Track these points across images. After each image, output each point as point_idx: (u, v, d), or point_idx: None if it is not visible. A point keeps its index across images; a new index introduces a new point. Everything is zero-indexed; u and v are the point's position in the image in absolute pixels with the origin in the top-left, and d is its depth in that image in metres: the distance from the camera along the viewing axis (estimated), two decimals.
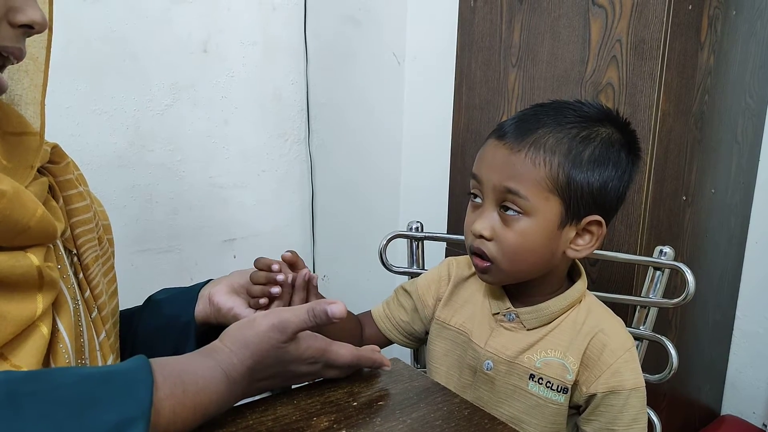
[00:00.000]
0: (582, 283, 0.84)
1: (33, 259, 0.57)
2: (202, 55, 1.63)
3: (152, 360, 0.51)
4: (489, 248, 0.79)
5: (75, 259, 0.69)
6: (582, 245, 0.80)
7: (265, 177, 1.81)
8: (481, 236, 0.79)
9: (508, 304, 0.84)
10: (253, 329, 0.60)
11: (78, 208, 0.70)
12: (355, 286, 1.79)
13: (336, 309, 0.62)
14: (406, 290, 0.97)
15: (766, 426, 1.53)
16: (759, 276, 1.54)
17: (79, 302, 0.66)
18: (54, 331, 0.60)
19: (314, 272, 1.89)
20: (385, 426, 0.58)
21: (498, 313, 0.84)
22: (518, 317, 0.83)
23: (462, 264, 0.93)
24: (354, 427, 0.57)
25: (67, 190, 0.70)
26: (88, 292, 0.69)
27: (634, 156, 0.82)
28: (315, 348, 0.62)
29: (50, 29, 0.66)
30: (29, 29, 0.58)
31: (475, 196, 0.82)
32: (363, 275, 1.73)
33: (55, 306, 0.61)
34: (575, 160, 0.77)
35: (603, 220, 0.80)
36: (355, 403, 0.61)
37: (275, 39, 1.75)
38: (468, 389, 0.86)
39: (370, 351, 0.70)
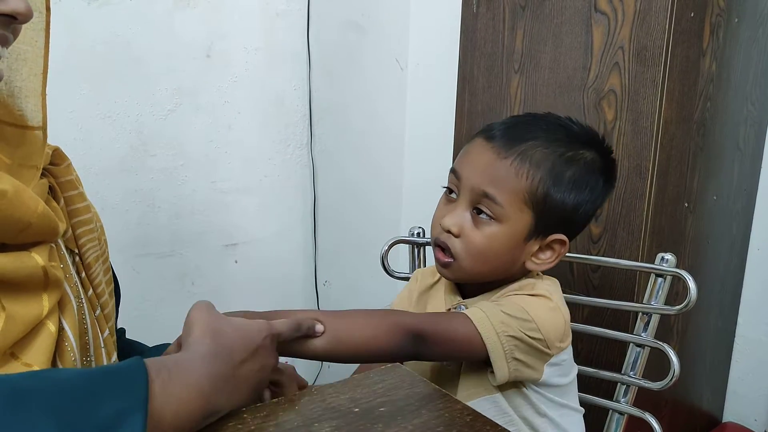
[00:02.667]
0: (523, 282, 0.86)
1: (38, 259, 0.58)
2: (206, 60, 1.64)
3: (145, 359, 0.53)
4: (454, 245, 0.81)
5: (77, 258, 0.69)
6: (542, 260, 0.83)
7: (267, 182, 1.81)
8: (449, 231, 0.81)
9: (460, 298, 0.88)
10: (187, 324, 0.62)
11: (79, 209, 0.71)
12: (357, 291, 1.79)
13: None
14: None
15: None
16: (761, 283, 1.53)
17: (83, 301, 0.67)
18: (59, 330, 0.60)
19: (316, 277, 1.89)
20: None
21: (450, 308, 0.88)
22: (467, 308, 0.85)
23: (426, 274, 0.95)
24: None
25: (68, 191, 0.70)
26: (90, 291, 0.70)
27: (609, 184, 0.85)
28: (256, 319, 0.64)
29: (48, 8, 0.65)
30: (12, 19, 0.56)
31: (451, 191, 0.84)
32: (365, 280, 1.72)
33: (60, 305, 0.62)
34: (557, 178, 0.80)
35: (567, 240, 0.83)
36: (356, 409, 0.61)
37: (278, 44, 1.75)
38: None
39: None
